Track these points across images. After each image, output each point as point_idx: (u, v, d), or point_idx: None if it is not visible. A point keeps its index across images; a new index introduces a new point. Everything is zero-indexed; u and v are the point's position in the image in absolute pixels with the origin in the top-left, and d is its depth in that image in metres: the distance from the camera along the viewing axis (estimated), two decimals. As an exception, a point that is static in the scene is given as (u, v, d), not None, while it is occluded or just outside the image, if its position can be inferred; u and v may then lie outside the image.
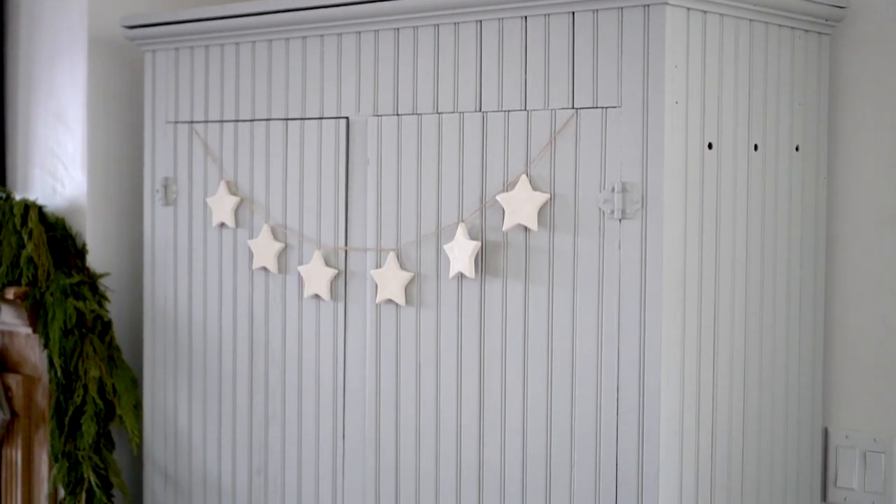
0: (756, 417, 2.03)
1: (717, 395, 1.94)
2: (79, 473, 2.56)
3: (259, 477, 2.33)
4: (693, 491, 1.89)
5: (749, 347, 2.01)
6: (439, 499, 2.05)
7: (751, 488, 2.03)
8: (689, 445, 1.88)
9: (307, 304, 2.24)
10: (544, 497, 1.93)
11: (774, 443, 2.09)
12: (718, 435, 1.94)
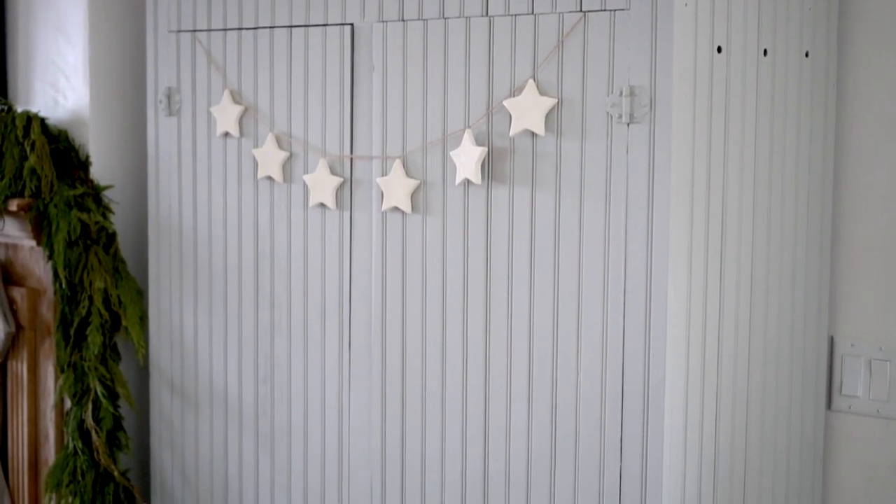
0: (762, 325, 2.03)
1: (723, 302, 1.94)
2: (85, 384, 2.57)
3: (265, 386, 2.34)
4: (699, 393, 1.89)
5: (756, 254, 2.01)
6: (445, 404, 2.06)
7: (756, 395, 2.04)
8: (695, 352, 1.88)
9: (312, 213, 2.23)
10: (550, 394, 1.93)
11: (780, 351, 2.10)
12: (724, 340, 1.95)
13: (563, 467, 1.93)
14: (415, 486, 2.11)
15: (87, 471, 2.57)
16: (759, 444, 2.07)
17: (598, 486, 1.89)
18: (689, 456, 1.88)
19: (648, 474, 1.83)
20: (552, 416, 1.94)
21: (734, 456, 2.00)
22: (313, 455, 2.27)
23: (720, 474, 1.96)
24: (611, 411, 1.87)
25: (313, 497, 2.27)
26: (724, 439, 1.97)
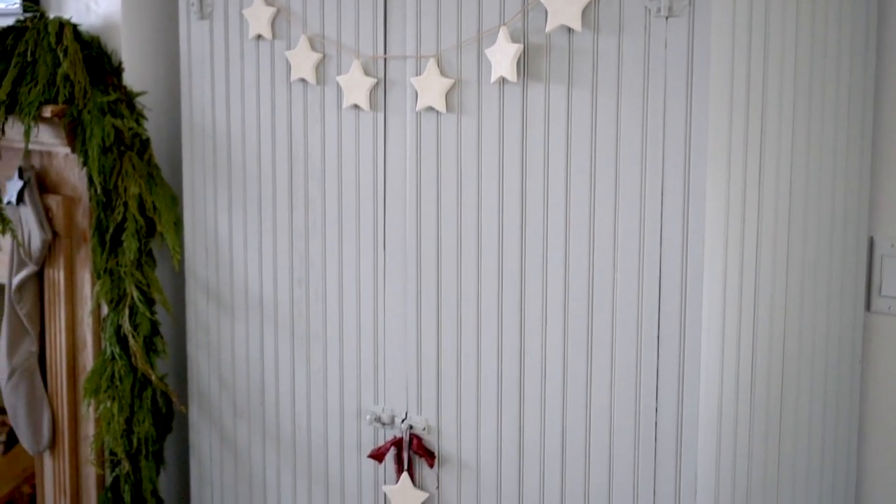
0: (801, 225, 2.01)
1: (762, 201, 1.91)
2: (121, 290, 2.58)
3: (300, 289, 2.34)
4: (737, 292, 1.88)
5: (796, 152, 1.98)
6: (481, 304, 2.06)
7: (795, 297, 2.02)
8: (733, 251, 1.86)
9: (346, 114, 2.21)
10: (586, 284, 1.92)
11: (819, 251, 2.08)
12: (762, 240, 1.93)
13: (601, 348, 1.93)
14: (450, 385, 2.12)
15: (124, 376, 2.59)
16: (798, 345, 2.05)
17: (634, 377, 1.88)
18: (726, 352, 1.87)
19: (686, 367, 1.83)
20: (588, 308, 1.93)
21: (772, 357, 1.99)
22: (349, 357, 2.27)
23: (758, 374, 1.96)
24: (648, 300, 1.86)
25: (349, 399, 2.28)
26: (762, 340, 1.96)
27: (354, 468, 2.29)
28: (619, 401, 1.90)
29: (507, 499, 2.06)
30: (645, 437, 1.88)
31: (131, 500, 2.64)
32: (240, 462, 2.52)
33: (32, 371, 2.90)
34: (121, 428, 2.60)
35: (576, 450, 1.96)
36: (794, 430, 2.07)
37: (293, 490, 2.41)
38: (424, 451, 2.16)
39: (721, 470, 1.89)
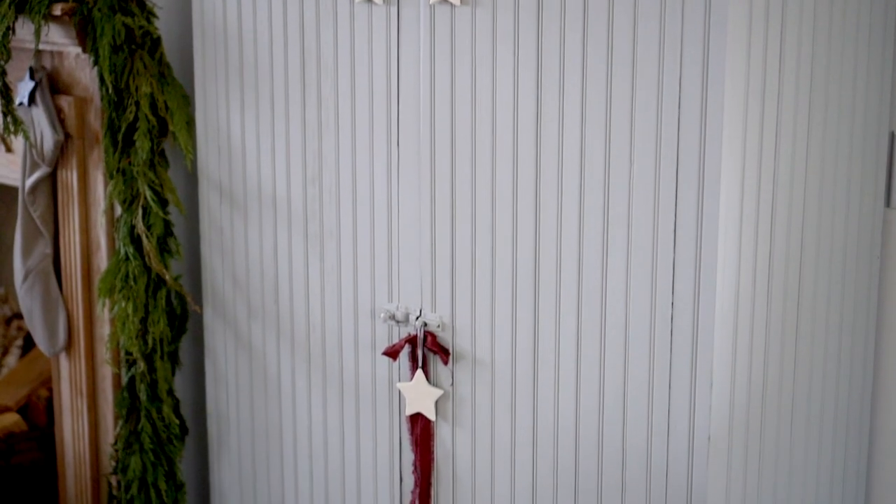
0: (822, 117, 1.98)
1: (781, 92, 1.88)
2: (134, 190, 2.57)
3: (314, 187, 2.32)
4: (755, 189, 1.85)
5: (817, 44, 1.94)
6: (496, 199, 2.04)
7: (813, 190, 2.00)
8: (751, 145, 1.83)
9: (359, 8, 2.18)
10: (602, 171, 1.90)
11: (839, 147, 2.05)
12: (781, 131, 1.90)
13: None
14: (465, 282, 2.11)
15: (139, 276, 2.59)
16: (816, 241, 2.03)
17: (650, 272, 1.87)
18: (743, 243, 1.85)
19: (702, 262, 1.81)
20: (604, 196, 1.91)
21: (790, 249, 1.97)
22: (363, 255, 2.26)
23: (775, 269, 1.94)
24: (665, 184, 1.84)
25: (363, 297, 2.28)
26: (780, 233, 1.93)
27: (368, 366, 2.29)
28: (636, 293, 1.89)
29: (522, 394, 2.06)
30: (661, 331, 1.87)
31: (147, 400, 2.66)
32: (254, 361, 2.52)
33: (47, 273, 2.90)
34: (136, 328, 2.60)
35: (591, 345, 1.96)
36: (811, 327, 2.06)
37: (307, 389, 2.42)
38: (439, 348, 2.16)
39: (737, 364, 1.88)
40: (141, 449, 2.68)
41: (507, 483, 2.11)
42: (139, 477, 2.69)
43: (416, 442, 2.23)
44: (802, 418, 2.08)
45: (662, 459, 1.90)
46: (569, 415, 2.00)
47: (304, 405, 2.43)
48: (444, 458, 2.20)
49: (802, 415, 2.07)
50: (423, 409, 2.20)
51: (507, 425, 2.09)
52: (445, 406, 2.18)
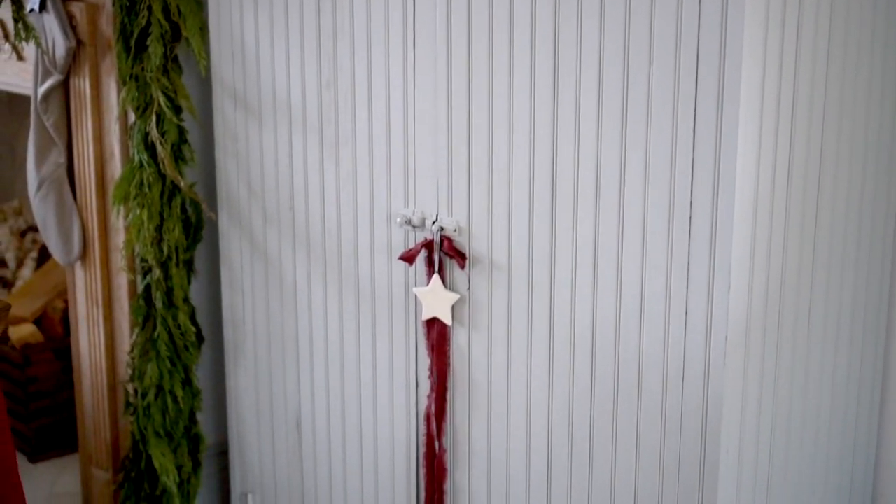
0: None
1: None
2: (147, 96, 2.55)
3: (329, 92, 2.30)
4: (775, 90, 1.83)
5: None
6: (513, 98, 2.02)
7: (834, 94, 1.97)
8: (772, 44, 1.81)
9: None
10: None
11: (860, 66, 2.02)
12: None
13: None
14: (481, 185, 2.09)
15: (153, 183, 2.58)
16: (836, 142, 2.01)
17: (669, 171, 1.86)
18: (763, 150, 1.84)
19: (722, 160, 1.80)
20: (623, 98, 1.89)
21: (810, 150, 1.95)
22: (378, 160, 2.25)
23: (794, 169, 1.92)
24: (686, 75, 1.82)
25: (379, 202, 2.27)
26: (800, 132, 1.91)
27: (385, 272, 2.29)
28: (654, 197, 1.87)
29: (539, 298, 2.06)
30: (679, 234, 1.86)
31: (163, 307, 2.66)
32: (270, 268, 2.52)
33: (61, 182, 2.90)
34: (151, 235, 2.60)
35: (608, 248, 1.95)
36: (829, 231, 2.05)
37: (323, 295, 2.42)
38: (455, 253, 2.15)
39: (755, 267, 1.87)
40: (157, 356, 2.69)
41: (523, 387, 2.11)
42: (156, 384, 2.71)
43: (432, 347, 2.24)
44: (819, 321, 2.07)
45: (679, 362, 1.90)
46: (585, 318, 2.00)
47: (320, 311, 2.44)
48: (461, 363, 2.20)
49: (819, 318, 2.07)
50: (439, 314, 2.20)
51: (524, 329, 2.09)
52: (461, 310, 2.18)
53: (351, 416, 2.43)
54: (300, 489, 2.59)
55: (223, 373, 2.89)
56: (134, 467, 2.83)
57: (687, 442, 1.91)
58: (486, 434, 2.19)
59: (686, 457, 1.91)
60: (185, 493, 2.81)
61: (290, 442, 2.58)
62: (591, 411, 2.02)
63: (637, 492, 1.99)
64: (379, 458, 2.40)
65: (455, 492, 2.27)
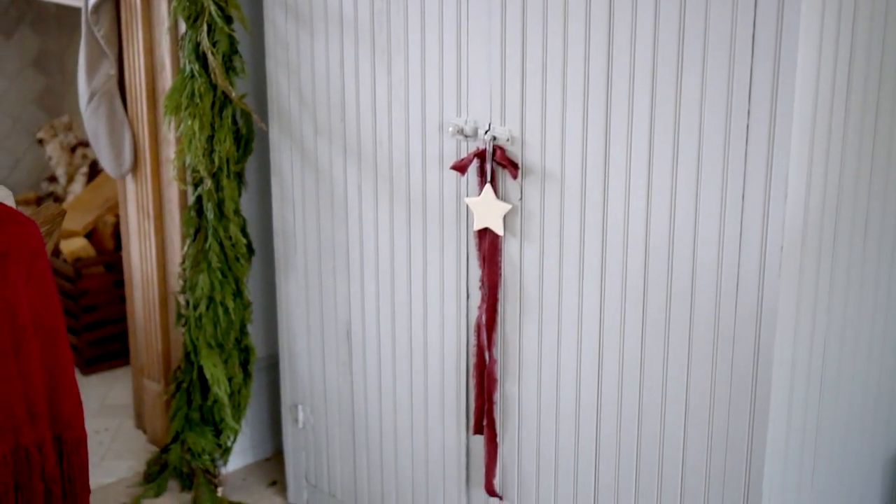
0: None
1: None
2: (199, 6, 2.54)
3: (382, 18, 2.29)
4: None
5: None
6: (567, 15, 1.99)
7: None
8: None
9: None
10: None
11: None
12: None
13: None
14: (535, 94, 2.07)
15: (204, 93, 2.58)
16: (896, 51, 1.98)
17: (727, 83, 1.83)
18: (823, 55, 1.81)
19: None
20: (680, 9, 1.86)
21: (871, 52, 1.91)
22: (431, 69, 2.23)
23: (855, 75, 1.89)
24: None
25: (431, 112, 2.26)
26: (861, 37, 1.88)
27: (436, 182, 2.29)
28: (711, 100, 1.85)
29: (591, 207, 2.05)
30: (736, 141, 1.83)
31: (214, 219, 2.67)
32: (321, 180, 2.52)
33: (112, 94, 2.90)
34: (202, 147, 2.60)
35: (664, 152, 1.92)
36: (889, 137, 2.02)
37: (374, 206, 2.42)
38: (508, 162, 2.14)
39: (812, 175, 1.85)
40: (209, 267, 2.71)
41: (575, 295, 2.11)
42: (207, 295, 2.73)
43: (483, 258, 2.23)
44: (875, 233, 2.05)
45: (733, 270, 1.88)
46: (639, 227, 1.99)
47: (370, 222, 2.44)
48: (512, 273, 2.20)
49: (875, 229, 2.05)
50: (490, 224, 2.19)
51: (576, 239, 2.08)
52: (513, 220, 2.17)
53: (401, 327, 2.44)
54: (350, 400, 2.61)
55: (273, 286, 2.91)
56: (185, 378, 2.86)
57: (740, 351, 1.90)
58: (537, 344, 2.19)
59: (738, 365, 1.91)
60: (235, 403, 2.84)
61: (339, 353, 2.60)
62: (643, 319, 2.02)
63: (688, 399, 1.99)
64: (429, 370, 2.41)
65: (505, 402, 2.28)
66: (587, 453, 2.16)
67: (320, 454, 2.74)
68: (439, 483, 2.45)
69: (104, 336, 3.58)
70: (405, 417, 2.48)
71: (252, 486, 2.98)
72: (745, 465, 1.93)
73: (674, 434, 2.02)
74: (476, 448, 2.36)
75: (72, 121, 3.99)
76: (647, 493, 2.08)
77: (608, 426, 2.11)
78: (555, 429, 2.21)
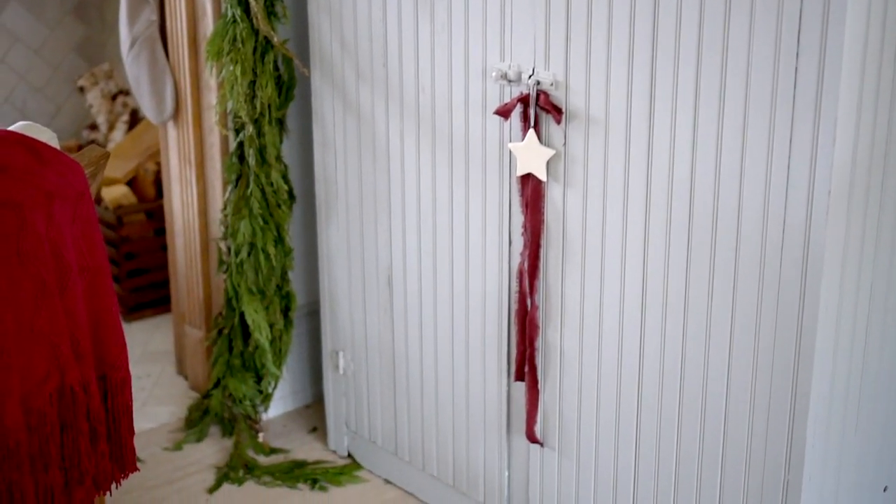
0: None
1: None
2: (241, -50, 2.53)
3: (424, -57, 2.27)
4: None
5: None
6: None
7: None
8: None
9: None
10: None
11: None
12: None
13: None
14: (580, 38, 2.05)
15: (246, 39, 2.57)
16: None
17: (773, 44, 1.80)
18: (875, -4, 1.78)
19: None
20: None
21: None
22: (474, 14, 2.21)
23: None
24: None
25: (474, 57, 2.24)
26: None
27: (479, 127, 2.27)
28: (759, 37, 1.82)
29: (636, 152, 2.03)
30: (784, 81, 1.81)
31: (256, 165, 2.67)
32: (363, 126, 2.51)
33: (153, 40, 2.90)
34: (244, 92, 2.60)
35: (710, 94, 1.90)
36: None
37: (416, 151, 2.41)
38: (551, 107, 2.12)
39: (861, 120, 1.83)
40: (250, 214, 2.71)
41: (618, 244, 2.10)
42: (248, 241, 2.73)
43: (525, 203, 2.22)
44: (925, 180, 2.03)
45: (780, 215, 1.86)
46: (684, 171, 1.97)
47: (413, 169, 2.43)
48: (555, 219, 2.19)
49: (925, 177, 2.02)
50: (534, 170, 2.18)
51: (620, 185, 2.07)
52: (557, 166, 2.16)
53: (442, 273, 2.44)
54: (391, 346, 2.61)
55: (314, 233, 2.91)
56: (227, 324, 2.87)
57: (784, 298, 1.88)
58: (580, 291, 2.18)
59: (783, 312, 1.89)
60: (276, 350, 2.85)
61: (380, 300, 2.60)
62: (686, 266, 2.00)
63: (732, 346, 1.97)
64: (470, 316, 2.40)
65: (546, 349, 2.27)
66: (629, 400, 2.16)
67: (361, 401, 2.75)
68: (480, 430, 2.45)
69: (145, 283, 3.60)
70: (446, 364, 2.49)
71: (292, 432, 2.99)
72: (790, 410, 1.92)
73: (717, 380, 2.01)
74: (517, 395, 2.36)
75: (112, 69, 3.99)
76: (689, 436, 2.07)
77: (650, 374, 2.11)
78: (597, 376, 2.20)
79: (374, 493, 2.73)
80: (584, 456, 2.26)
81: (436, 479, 2.60)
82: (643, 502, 2.18)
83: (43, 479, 1.71)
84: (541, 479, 2.36)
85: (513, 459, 2.41)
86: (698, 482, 2.08)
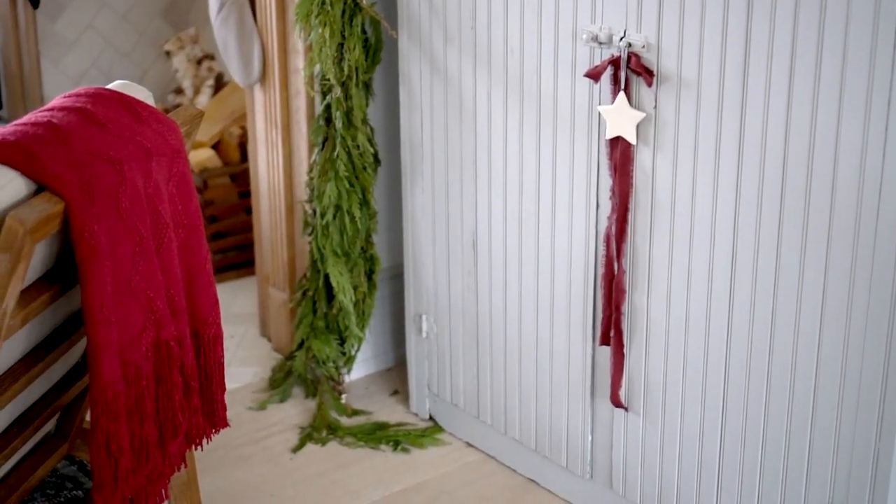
0: None
1: None
2: (330, -88, 2.54)
3: None
4: None
5: None
6: None
7: None
8: None
9: None
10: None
11: None
12: None
13: None
14: (673, 8, 2.04)
15: (335, 1, 2.57)
16: None
17: None
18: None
19: None
20: None
21: None
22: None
23: None
24: None
25: (564, 18, 2.23)
26: None
27: (568, 89, 2.26)
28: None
29: (728, 116, 2.01)
30: (884, 39, 1.78)
31: (343, 128, 2.69)
32: (450, 88, 2.51)
33: (242, 3, 2.92)
34: (332, 54, 2.61)
35: (807, 54, 1.87)
36: None
37: (504, 114, 2.41)
38: (643, 70, 2.11)
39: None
40: (336, 176, 2.73)
41: (709, 207, 2.08)
42: (334, 204, 2.75)
43: (614, 167, 2.21)
44: None
45: (875, 182, 1.83)
46: (777, 136, 1.95)
47: (499, 131, 2.43)
48: (643, 183, 2.18)
49: None
50: (623, 133, 2.17)
51: (712, 149, 2.05)
52: (647, 129, 2.14)
53: (528, 237, 2.43)
54: (474, 310, 2.62)
55: (398, 196, 2.92)
56: (311, 286, 2.90)
57: (878, 268, 1.86)
58: (668, 256, 2.17)
59: (876, 283, 1.87)
60: (360, 312, 2.87)
61: (465, 263, 2.61)
62: (778, 233, 1.98)
63: (823, 315, 1.95)
64: (555, 280, 2.40)
65: (633, 313, 2.27)
66: (716, 368, 2.14)
67: (443, 364, 2.76)
68: (563, 394, 2.45)
69: (229, 246, 3.64)
70: (530, 327, 2.49)
71: (374, 394, 3.02)
72: (882, 378, 1.90)
73: (807, 347, 1.99)
74: (602, 359, 2.36)
75: (198, 33, 4.02)
76: (776, 406, 2.06)
77: (738, 340, 2.09)
78: (683, 342, 2.19)
79: (455, 455, 2.75)
80: (669, 422, 2.26)
81: (518, 443, 2.61)
82: (729, 468, 2.17)
83: (139, 432, 1.74)
84: (624, 445, 2.36)
85: (596, 424, 2.41)
86: (786, 451, 2.06)
